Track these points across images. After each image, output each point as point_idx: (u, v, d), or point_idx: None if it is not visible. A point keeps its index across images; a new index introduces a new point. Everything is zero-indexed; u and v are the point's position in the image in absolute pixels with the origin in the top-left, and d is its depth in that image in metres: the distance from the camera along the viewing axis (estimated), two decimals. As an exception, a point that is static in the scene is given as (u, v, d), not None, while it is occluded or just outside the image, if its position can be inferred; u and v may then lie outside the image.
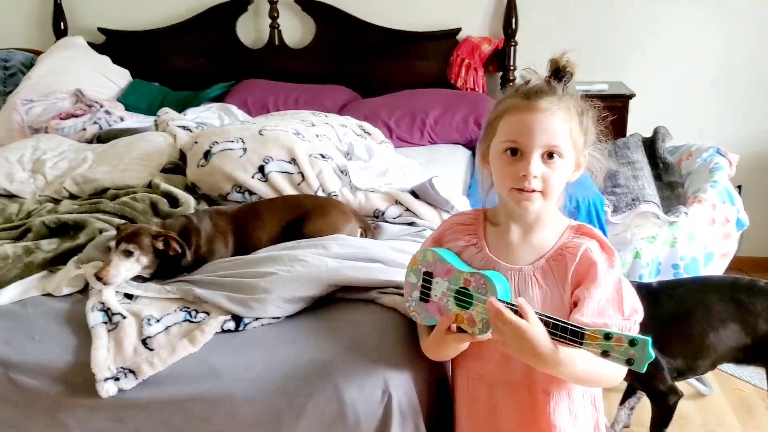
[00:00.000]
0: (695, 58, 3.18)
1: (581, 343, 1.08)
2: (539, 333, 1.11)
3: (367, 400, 1.32)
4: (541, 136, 1.17)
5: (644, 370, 1.04)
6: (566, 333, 1.10)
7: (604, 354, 1.06)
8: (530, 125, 1.18)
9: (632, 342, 1.04)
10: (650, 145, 2.86)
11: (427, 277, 1.29)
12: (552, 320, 1.12)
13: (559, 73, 1.24)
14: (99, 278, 1.56)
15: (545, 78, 1.23)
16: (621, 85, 3.10)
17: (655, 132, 2.91)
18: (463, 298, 1.23)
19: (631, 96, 2.99)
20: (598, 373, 1.19)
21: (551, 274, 1.22)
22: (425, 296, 1.30)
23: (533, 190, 1.18)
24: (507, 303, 1.16)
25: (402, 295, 1.51)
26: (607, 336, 1.06)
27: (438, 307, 1.28)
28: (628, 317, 1.20)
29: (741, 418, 2.30)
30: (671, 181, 2.67)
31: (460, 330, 1.24)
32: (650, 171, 2.68)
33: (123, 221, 1.89)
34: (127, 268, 1.59)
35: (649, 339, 1.04)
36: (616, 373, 1.20)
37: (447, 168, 2.49)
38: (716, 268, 2.38)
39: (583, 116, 1.23)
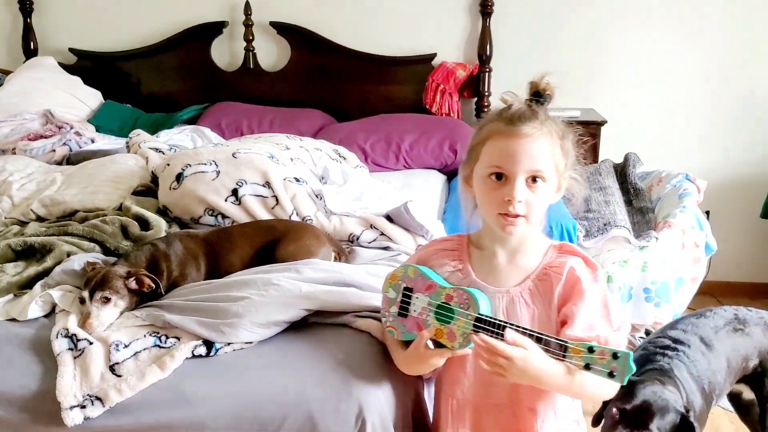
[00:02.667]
0: (665, 87, 3.25)
1: (564, 357, 1.10)
2: (539, 355, 1.13)
3: (341, 426, 1.30)
4: (524, 161, 1.19)
5: (625, 383, 1.06)
6: (550, 346, 1.12)
7: (587, 367, 1.08)
8: (514, 151, 1.19)
9: (614, 355, 1.06)
10: (621, 171, 2.90)
11: (407, 293, 1.30)
12: (536, 334, 1.14)
13: (538, 95, 1.26)
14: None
15: (526, 102, 1.25)
16: (593, 112, 3.15)
17: (626, 158, 2.96)
18: (444, 312, 1.23)
19: (602, 123, 3.03)
20: (595, 384, 1.18)
21: (538, 294, 1.24)
22: (404, 311, 1.30)
23: (517, 215, 1.20)
24: (490, 317, 1.18)
25: (377, 318, 1.50)
26: (591, 349, 1.08)
27: (416, 322, 1.28)
28: (617, 329, 1.21)
29: (709, 440, 2.31)
30: (641, 207, 2.71)
31: (439, 345, 1.24)
32: (621, 196, 2.72)
33: (92, 243, 1.85)
34: (107, 315, 1.52)
35: (631, 353, 1.06)
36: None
37: (422, 193, 2.49)
38: (686, 292, 2.41)
39: (565, 139, 1.25)
